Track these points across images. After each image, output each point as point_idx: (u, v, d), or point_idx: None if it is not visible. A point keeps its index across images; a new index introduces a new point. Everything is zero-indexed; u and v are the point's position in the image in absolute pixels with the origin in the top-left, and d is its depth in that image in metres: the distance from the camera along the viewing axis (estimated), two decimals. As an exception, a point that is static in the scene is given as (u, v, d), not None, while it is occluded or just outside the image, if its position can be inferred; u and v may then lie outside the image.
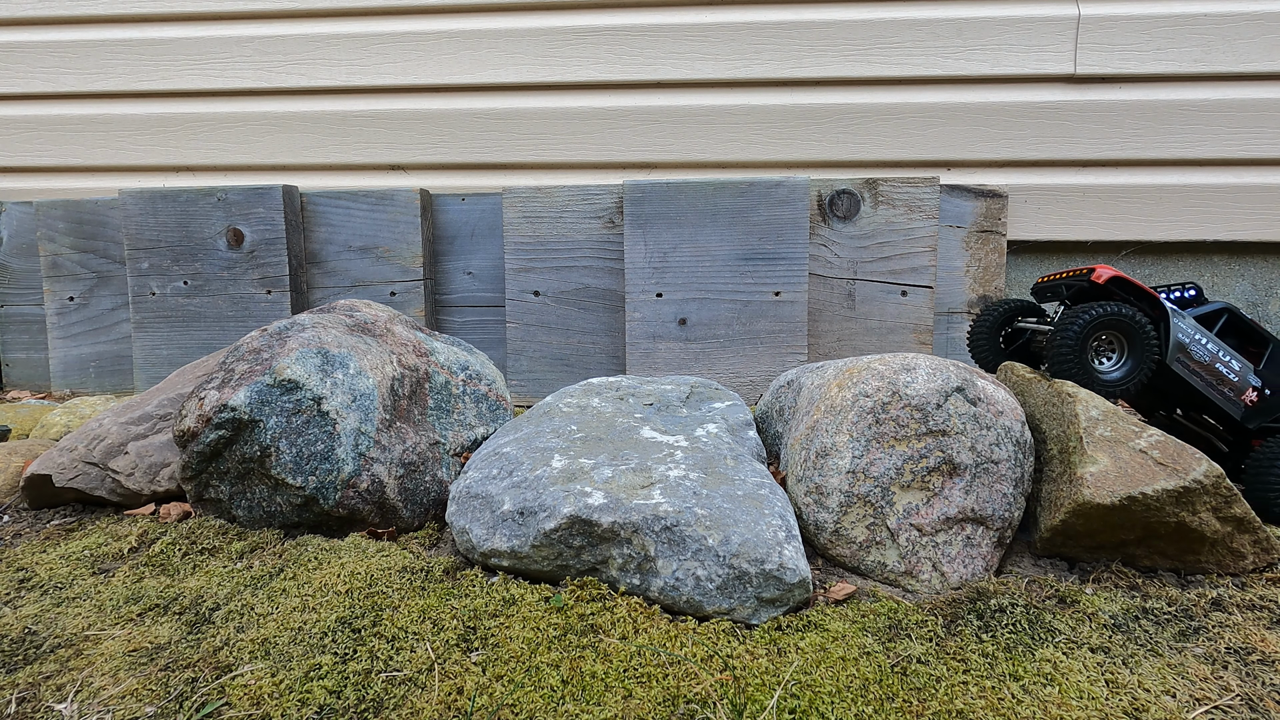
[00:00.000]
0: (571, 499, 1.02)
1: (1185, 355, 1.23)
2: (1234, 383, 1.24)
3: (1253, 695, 0.79)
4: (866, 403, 1.11)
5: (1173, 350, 1.22)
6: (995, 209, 2.08)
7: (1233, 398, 1.24)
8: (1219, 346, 1.24)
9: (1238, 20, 2.06)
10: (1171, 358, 1.22)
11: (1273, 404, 1.25)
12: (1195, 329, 1.24)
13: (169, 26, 2.32)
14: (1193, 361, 1.23)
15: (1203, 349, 1.23)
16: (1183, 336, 1.22)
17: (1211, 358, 1.23)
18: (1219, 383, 1.24)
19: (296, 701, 0.79)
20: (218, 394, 1.19)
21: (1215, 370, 1.23)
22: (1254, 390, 1.24)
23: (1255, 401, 1.24)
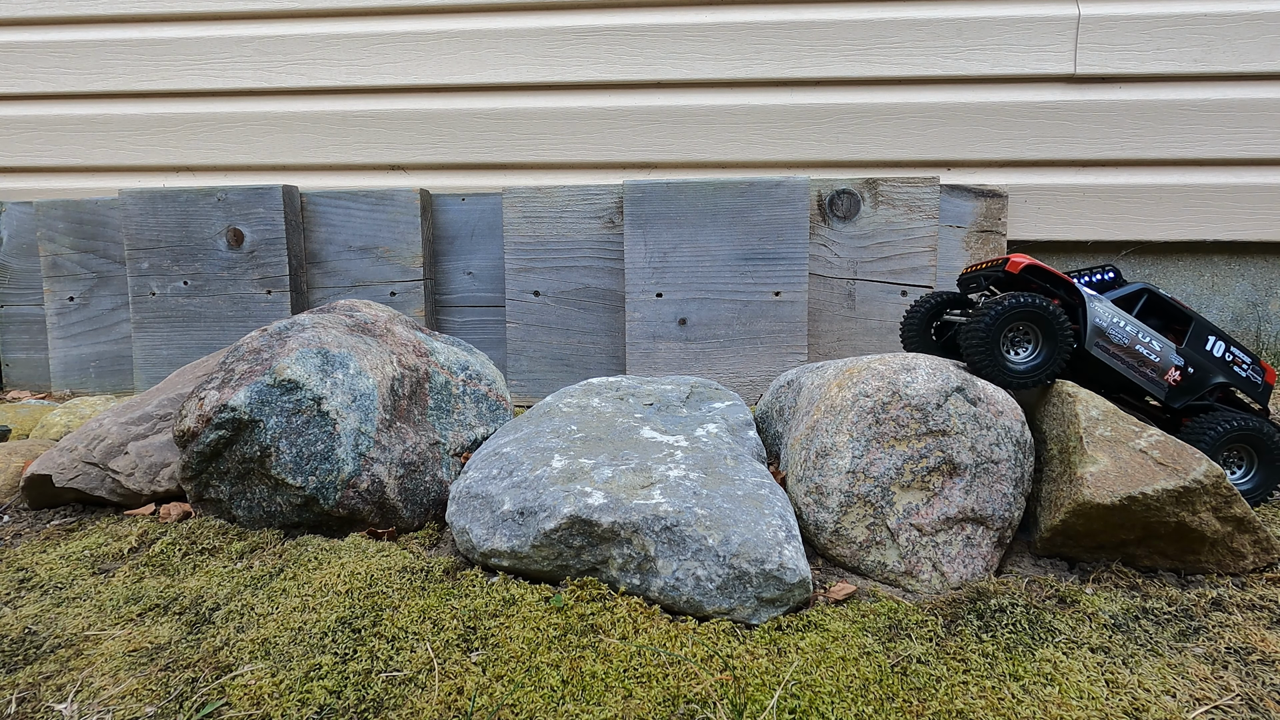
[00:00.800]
0: (571, 499, 1.02)
1: (1104, 339, 1.21)
2: (1156, 363, 1.22)
3: (1253, 695, 0.79)
4: (866, 403, 1.11)
5: (1091, 335, 1.20)
6: (995, 209, 2.08)
7: (1156, 379, 1.23)
8: (1138, 328, 1.22)
9: (1238, 20, 2.06)
10: (1090, 343, 1.21)
11: (1197, 382, 1.23)
12: (1114, 312, 1.22)
13: (169, 26, 2.32)
14: (1112, 345, 1.21)
15: (1122, 332, 1.21)
16: (1100, 321, 1.21)
17: (1131, 340, 1.22)
18: (1141, 364, 1.22)
19: (296, 701, 0.79)
20: (218, 394, 1.19)
21: (1136, 352, 1.22)
22: (1177, 370, 1.22)
23: (1179, 381, 1.22)
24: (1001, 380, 1.19)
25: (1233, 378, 1.25)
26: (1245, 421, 1.19)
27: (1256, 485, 1.22)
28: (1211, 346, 1.25)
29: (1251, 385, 1.26)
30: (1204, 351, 1.25)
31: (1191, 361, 1.23)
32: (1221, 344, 1.25)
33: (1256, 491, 1.22)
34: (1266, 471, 1.21)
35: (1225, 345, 1.25)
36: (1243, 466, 1.23)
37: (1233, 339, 1.26)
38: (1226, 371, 1.25)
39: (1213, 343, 1.25)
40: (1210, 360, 1.24)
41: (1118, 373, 1.23)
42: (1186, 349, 1.24)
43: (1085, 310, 1.21)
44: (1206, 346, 1.25)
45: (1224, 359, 1.25)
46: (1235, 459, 1.23)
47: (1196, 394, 1.23)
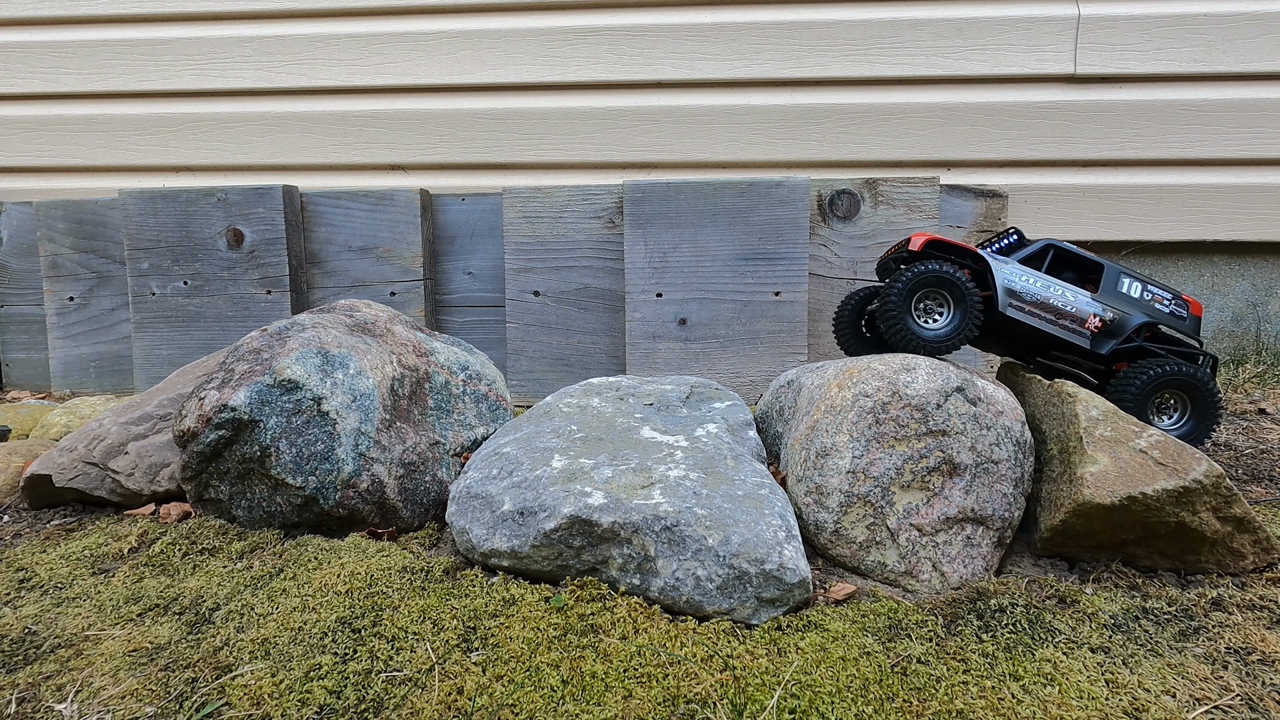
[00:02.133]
0: (571, 499, 1.02)
1: (1018, 299, 1.22)
2: (1073, 313, 1.22)
3: (1253, 695, 0.79)
4: (866, 403, 1.11)
5: (1003, 297, 1.21)
6: (995, 209, 2.08)
7: (1076, 328, 1.23)
8: (1049, 282, 1.23)
9: (1238, 20, 2.06)
10: (1004, 304, 1.21)
11: (1118, 325, 1.23)
12: (1023, 271, 1.23)
13: (169, 26, 2.32)
14: (1026, 303, 1.22)
15: (1033, 289, 1.22)
16: (1010, 282, 1.22)
17: (1044, 294, 1.22)
18: (1059, 317, 1.22)
19: (296, 701, 0.79)
20: (218, 394, 1.19)
21: (1051, 306, 1.22)
22: (1096, 316, 1.22)
23: (1100, 327, 1.22)
24: (916, 348, 1.20)
25: (1155, 315, 1.24)
26: (1176, 367, 1.17)
27: (1189, 431, 1.21)
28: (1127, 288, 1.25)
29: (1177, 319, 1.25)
30: (1120, 294, 1.24)
31: (1109, 306, 1.23)
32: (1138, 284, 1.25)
33: (1190, 437, 1.21)
34: (1199, 417, 1.20)
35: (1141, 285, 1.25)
36: (1176, 412, 1.22)
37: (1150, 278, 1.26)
38: (1148, 310, 1.24)
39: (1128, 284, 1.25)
40: (1128, 302, 1.24)
41: (1040, 330, 1.23)
42: (1102, 295, 1.24)
43: (993, 274, 1.22)
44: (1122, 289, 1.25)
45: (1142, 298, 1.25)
46: (1169, 405, 1.21)
47: (1121, 336, 1.22)
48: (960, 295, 1.19)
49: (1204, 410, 1.20)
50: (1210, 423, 1.20)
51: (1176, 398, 1.21)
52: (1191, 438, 1.21)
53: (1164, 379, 1.18)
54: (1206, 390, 1.19)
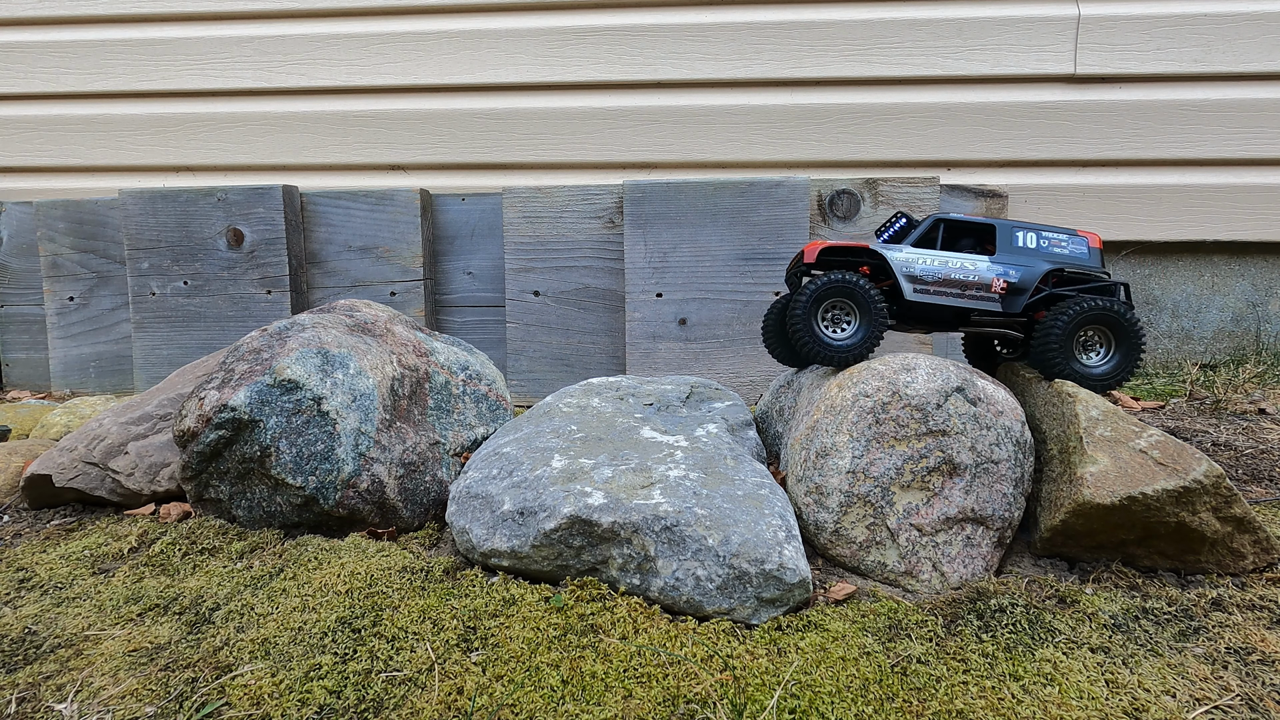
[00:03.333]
0: (571, 499, 1.02)
1: (920, 282, 1.21)
2: (978, 282, 1.22)
3: (1253, 695, 0.79)
4: (866, 403, 1.11)
5: (906, 285, 1.21)
6: (995, 209, 2.08)
7: (985, 294, 1.22)
8: (946, 256, 1.22)
9: (1238, 20, 2.06)
10: (909, 292, 1.21)
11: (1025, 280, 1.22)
12: (918, 254, 1.22)
13: (169, 26, 2.32)
14: (930, 284, 1.21)
15: (932, 269, 1.21)
16: (908, 268, 1.21)
17: (944, 270, 1.22)
18: (965, 289, 1.22)
19: (296, 701, 0.79)
20: (218, 394, 1.19)
21: (954, 280, 1.21)
22: (999, 279, 1.21)
23: (1006, 288, 1.22)
24: (827, 359, 1.21)
25: (1058, 259, 1.24)
26: (1091, 303, 1.17)
27: (1116, 366, 1.20)
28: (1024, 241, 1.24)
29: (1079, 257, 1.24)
30: (1019, 249, 1.24)
31: (1010, 264, 1.22)
32: (1031, 234, 1.24)
33: (1117, 372, 1.20)
34: (1125, 351, 1.19)
35: (1036, 234, 1.24)
36: (1102, 348, 1.21)
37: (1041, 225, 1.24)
38: (1049, 257, 1.23)
39: (1023, 237, 1.24)
40: (1028, 254, 1.23)
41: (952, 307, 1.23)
42: (1000, 255, 1.23)
43: (890, 265, 1.21)
44: (1019, 243, 1.24)
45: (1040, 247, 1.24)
46: (1094, 342, 1.21)
47: (1030, 289, 1.22)
48: (863, 301, 1.20)
49: (1128, 341, 1.19)
50: (1135, 354, 1.19)
51: (1099, 334, 1.20)
52: (1119, 372, 1.20)
53: (1083, 316, 1.17)
54: (1127, 321, 1.18)
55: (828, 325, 1.22)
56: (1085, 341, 1.21)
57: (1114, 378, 1.20)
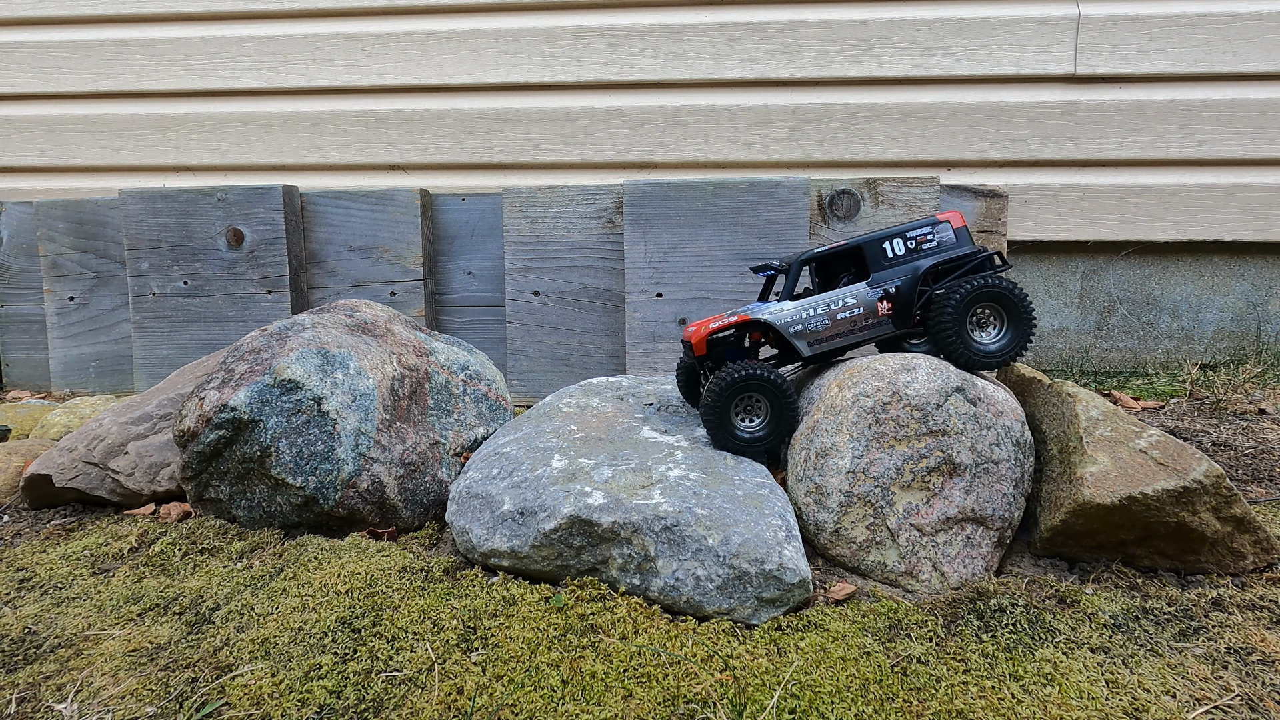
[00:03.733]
0: (571, 499, 1.02)
1: (811, 336, 1.19)
2: (863, 313, 1.19)
3: (1253, 695, 0.79)
4: (866, 403, 1.11)
5: (800, 345, 1.19)
6: (995, 209, 2.08)
7: (875, 323, 1.20)
8: (824, 300, 1.19)
9: (1238, 20, 2.06)
10: (805, 350, 1.19)
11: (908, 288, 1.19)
12: (798, 307, 1.19)
13: (169, 26, 2.32)
14: (821, 333, 1.19)
15: (816, 318, 1.19)
16: (796, 327, 1.18)
17: (829, 314, 1.19)
18: (855, 326, 1.19)
19: (296, 701, 0.79)
20: (218, 394, 1.19)
21: (842, 320, 1.19)
22: (882, 301, 1.19)
23: (891, 307, 1.19)
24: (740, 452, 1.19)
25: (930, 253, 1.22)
26: (984, 280, 1.16)
27: (1009, 342, 1.19)
28: (893, 250, 1.21)
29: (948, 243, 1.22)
30: (891, 260, 1.21)
31: (886, 280, 1.20)
32: (898, 240, 1.21)
33: (1010, 348, 1.19)
34: (1017, 326, 1.19)
35: (901, 237, 1.21)
36: (995, 325, 1.20)
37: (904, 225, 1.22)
38: (920, 255, 1.21)
39: (890, 247, 1.21)
40: (901, 261, 1.21)
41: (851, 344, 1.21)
42: (874, 275, 1.21)
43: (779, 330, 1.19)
44: (890, 255, 1.21)
45: (910, 249, 1.21)
46: (989, 320, 1.20)
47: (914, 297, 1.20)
48: (769, 393, 1.16)
49: (1018, 316, 1.18)
50: (1027, 327, 1.19)
51: (992, 311, 1.19)
52: (1011, 347, 1.19)
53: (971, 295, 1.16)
54: (1015, 295, 1.17)
55: (739, 415, 1.19)
56: (980, 320, 1.19)
57: (1008, 353, 1.19)
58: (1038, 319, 1.22)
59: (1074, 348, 2.26)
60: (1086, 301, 2.25)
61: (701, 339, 1.22)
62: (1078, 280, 2.24)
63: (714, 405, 1.16)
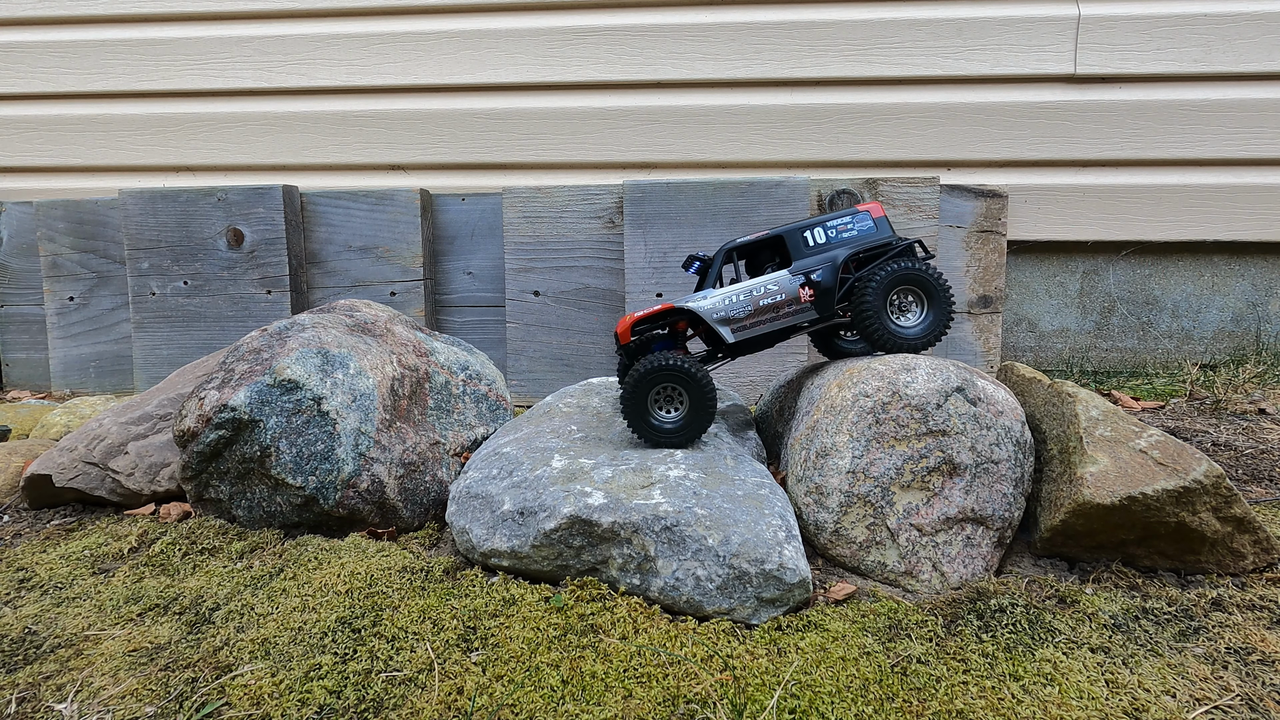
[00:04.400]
0: (571, 499, 1.02)
1: (735, 323, 1.19)
2: (785, 299, 1.19)
3: (1253, 695, 0.79)
4: (866, 403, 1.11)
5: (723, 331, 1.19)
6: (995, 209, 2.08)
7: (797, 309, 1.20)
8: (747, 287, 1.19)
9: (1238, 20, 2.06)
10: (729, 337, 1.19)
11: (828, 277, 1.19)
12: (722, 294, 1.19)
13: (169, 26, 2.32)
14: (745, 320, 1.19)
15: (739, 305, 1.19)
16: (717, 314, 1.19)
17: (751, 302, 1.19)
18: (778, 311, 1.19)
19: (296, 701, 0.79)
20: (218, 394, 1.19)
21: (764, 306, 1.19)
22: (803, 287, 1.19)
23: (814, 294, 1.19)
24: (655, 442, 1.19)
25: (851, 242, 1.22)
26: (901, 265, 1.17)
27: (929, 326, 1.20)
28: (814, 239, 1.22)
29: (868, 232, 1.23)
30: (812, 248, 1.22)
31: (808, 268, 1.20)
32: (819, 229, 1.22)
33: (930, 331, 1.20)
34: (937, 310, 1.19)
35: (823, 227, 1.23)
36: (917, 308, 1.21)
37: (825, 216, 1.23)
38: (842, 244, 1.22)
39: (811, 235, 1.22)
40: (822, 249, 1.22)
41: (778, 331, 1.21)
42: (795, 263, 1.21)
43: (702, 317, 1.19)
44: (811, 243, 1.22)
45: (830, 238, 1.22)
46: (910, 304, 1.21)
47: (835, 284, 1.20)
48: (688, 382, 1.16)
49: (938, 300, 1.19)
50: (946, 310, 1.20)
51: (913, 295, 1.21)
52: (933, 330, 1.20)
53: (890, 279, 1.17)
54: (933, 278, 1.18)
55: (659, 405, 1.20)
56: (901, 305, 1.20)
57: (928, 337, 1.20)
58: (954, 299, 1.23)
59: (1074, 348, 2.26)
60: (1086, 301, 2.25)
61: (626, 328, 1.23)
62: (1078, 280, 2.24)
63: (631, 395, 1.17)
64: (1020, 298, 2.26)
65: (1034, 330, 2.27)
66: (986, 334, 2.11)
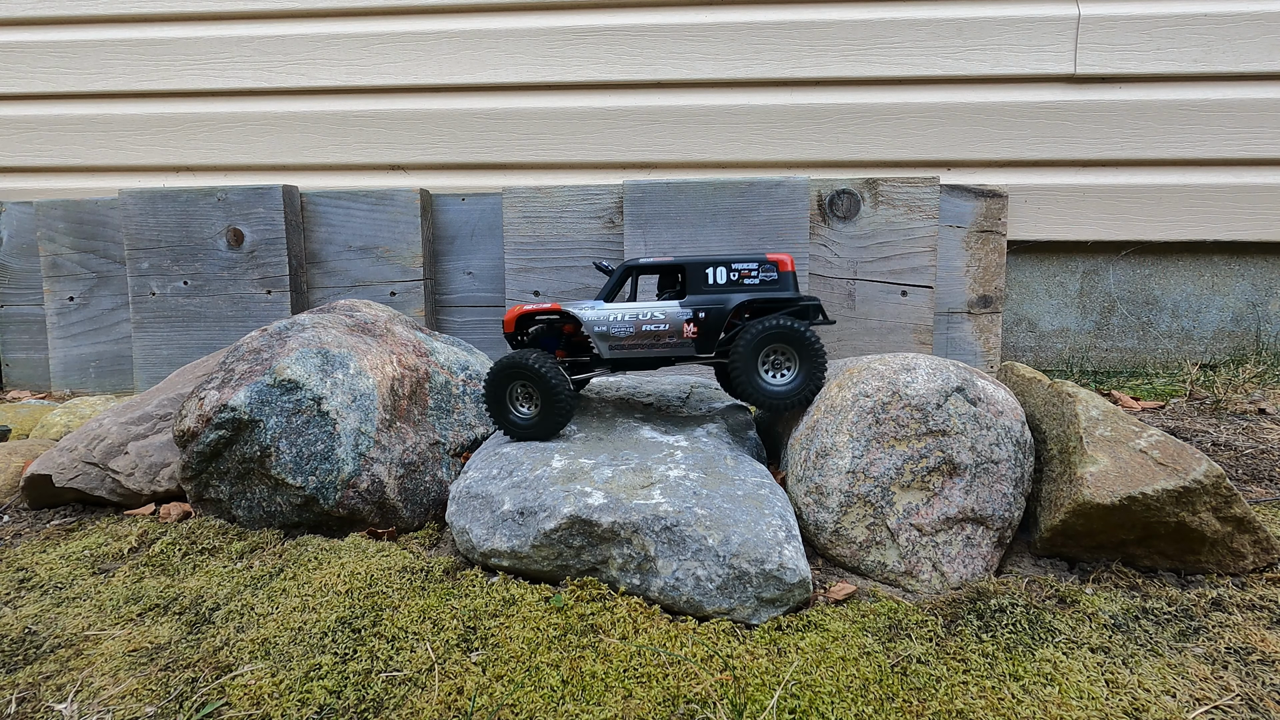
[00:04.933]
0: (571, 499, 1.02)
1: (613, 340, 1.21)
2: (668, 330, 1.20)
3: (1253, 695, 0.79)
4: (866, 403, 1.11)
5: (600, 345, 1.20)
6: (995, 209, 2.08)
7: (678, 343, 1.21)
8: (635, 310, 1.21)
9: (1238, 20, 2.06)
10: (604, 352, 1.21)
11: (716, 318, 1.20)
12: (609, 310, 1.21)
13: (169, 26, 2.32)
14: (624, 340, 1.20)
15: (622, 324, 1.20)
16: (600, 328, 1.20)
17: (635, 325, 1.20)
18: (658, 340, 1.20)
19: (296, 701, 0.79)
20: (218, 394, 1.19)
21: (647, 332, 1.20)
22: (689, 322, 1.20)
23: (697, 330, 1.20)
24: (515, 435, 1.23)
25: (749, 290, 1.23)
26: (775, 322, 1.17)
27: (801, 383, 1.20)
28: (714, 278, 1.23)
29: (769, 285, 1.23)
30: (710, 287, 1.23)
31: (699, 305, 1.21)
32: (722, 269, 1.23)
33: (799, 389, 1.20)
34: (807, 370, 1.20)
35: (726, 268, 1.23)
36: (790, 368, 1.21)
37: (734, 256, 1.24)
38: (739, 289, 1.23)
39: (713, 273, 1.23)
40: (719, 290, 1.22)
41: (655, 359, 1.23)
42: (689, 296, 1.22)
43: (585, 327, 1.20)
44: (710, 281, 1.23)
45: (730, 280, 1.23)
46: (784, 362, 1.21)
47: (721, 327, 1.21)
48: (534, 382, 1.19)
49: (810, 359, 1.20)
50: (818, 371, 1.20)
51: (788, 353, 1.21)
52: (804, 389, 1.21)
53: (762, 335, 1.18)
54: (806, 340, 1.18)
55: (517, 401, 1.23)
56: (776, 362, 1.21)
57: (794, 394, 1.21)
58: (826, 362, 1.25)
59: (1074, 348, 2.26)
60: (1086, 301, 2.25)
61: (512, 318, 1.25)
62: (1078, 280, 2.24)
63: (489, 387, 1.21)
64: (1020, 298, 2.26)
65: (1034, 330, 2.27)
66: (986, 334, 2.11)
